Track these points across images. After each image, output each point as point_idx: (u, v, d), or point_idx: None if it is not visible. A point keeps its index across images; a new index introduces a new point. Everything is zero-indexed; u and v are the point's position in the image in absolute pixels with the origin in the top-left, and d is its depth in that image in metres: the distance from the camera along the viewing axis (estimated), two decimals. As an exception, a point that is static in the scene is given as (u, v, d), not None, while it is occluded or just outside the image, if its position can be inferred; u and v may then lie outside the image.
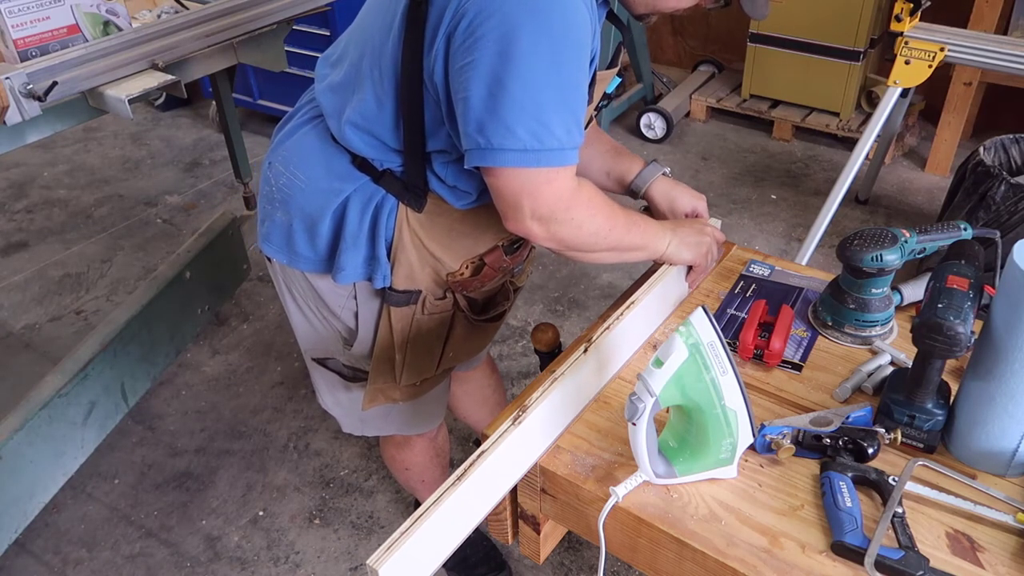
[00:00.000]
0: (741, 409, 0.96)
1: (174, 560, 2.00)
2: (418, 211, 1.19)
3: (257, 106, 3.93)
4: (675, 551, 0.96)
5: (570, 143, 1.04)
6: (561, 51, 0.99)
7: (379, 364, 1.33)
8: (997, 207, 2.29)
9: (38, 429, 1.76)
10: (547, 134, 1.01)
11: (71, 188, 3.68)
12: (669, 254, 1.25)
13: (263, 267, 3.06)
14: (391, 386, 1.36)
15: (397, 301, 1.25)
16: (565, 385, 1.06)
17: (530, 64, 0.98)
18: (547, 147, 1.01)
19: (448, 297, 1.30)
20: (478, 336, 1.42)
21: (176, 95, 1.79)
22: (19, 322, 2.81)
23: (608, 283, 2.90)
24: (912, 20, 2.56)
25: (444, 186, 1.18)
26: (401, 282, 1.24)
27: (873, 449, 1.01)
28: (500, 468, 0.99)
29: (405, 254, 1.21)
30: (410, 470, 1.69)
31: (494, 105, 0.99)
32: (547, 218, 1.08)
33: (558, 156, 1.03)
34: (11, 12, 1.60)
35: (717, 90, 4.00)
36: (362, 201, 1.19)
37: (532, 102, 0.99)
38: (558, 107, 1.01)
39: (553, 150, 1.02)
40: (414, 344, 1.31)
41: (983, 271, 1.03)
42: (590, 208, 1.12)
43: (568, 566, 1.94)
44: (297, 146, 1.24)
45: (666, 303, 1.30)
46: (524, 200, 1.06)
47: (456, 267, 1.26)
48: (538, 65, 0.98)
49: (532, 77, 0.98)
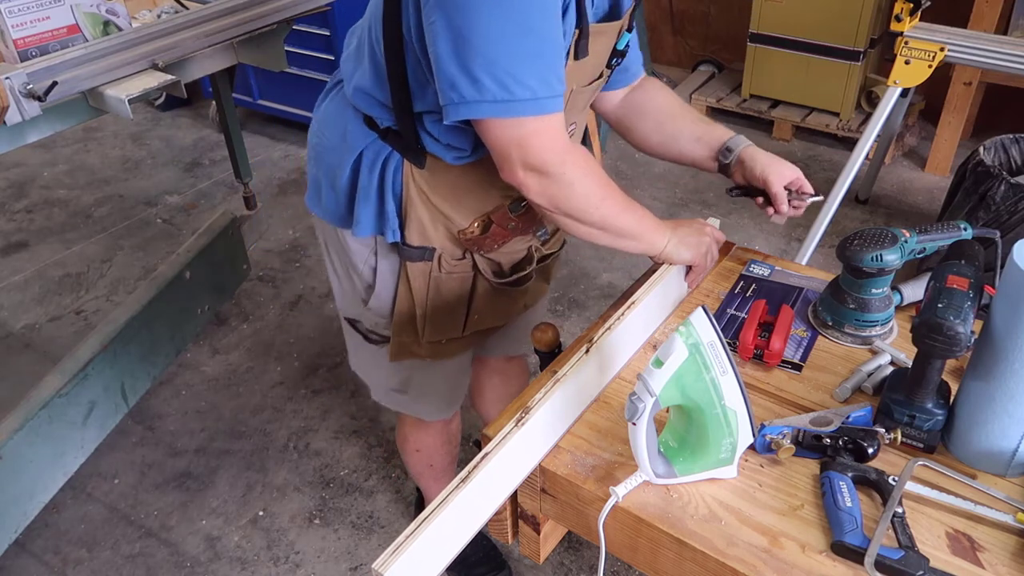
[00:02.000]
0: (741, 409, 0.96)
1: (174, 560, 2.00)
2: (421, 168, 1.23)
3: (257, 106, 3.94)
4: (675, 551, 0.96)
5: (545, 92, 1.03)
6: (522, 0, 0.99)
7: (400, 318, 1.37)
8: (997, 207, 2.29)
9: (38, 429, 1.76)
10: (516, 84, 1.01)
11: (71, 188, 3.68)
12: (668, 252, 1.25)
13: (263, 267, 3.07)
14: (414, 341, 1.39)
15: (411, 256, 1.29)
16: (567, 386, 1.06)
17: (489, 15, 0.98)
18: (518, 97, 1.01)
19: (467, 259, 1.33)
20: (502, 301, 1.44)
21: (176, 95, 1.79)
22: (19, 322, 2.81)
23: (608, 283, 2.90)
24: (912, 20, 2.56)
25: (438, 144, 1.21)
26: (415, 238, 1.27)
27: (873, 449, 1.01)
28: (504, 470, 0.99)
29: (415, 210, 1.25)
30: (420, 451, 1.72)
31: (459, 58, 1.00)
32: (538, 169, 1.08)
33: (532, 105, 1.03)
34: (11, 12, 1.60)
35: (717, 90, 4.00)
36: (372, 157, 1.24)
37: (496, 52, 0.99)
38: (525, 56, 1.01)
39: (526, 100, 1.02)
40: (435, 301, 1.35)
41: (983, 271, 1.03)
42: (583, 169, 1.12)
43: (568, 566, 1.94)
44: (326, 109, 1.32)
45: (666, 303, 1.30)
46: (512, 150, 1.07)
47: (466, 224, 1.29)
48: (497, 15, 0.98)
49: (492, 28, 0.99)
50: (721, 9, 4.25)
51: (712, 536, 0.94)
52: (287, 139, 4.01)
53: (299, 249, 3.17)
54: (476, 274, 1.36)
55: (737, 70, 3.98)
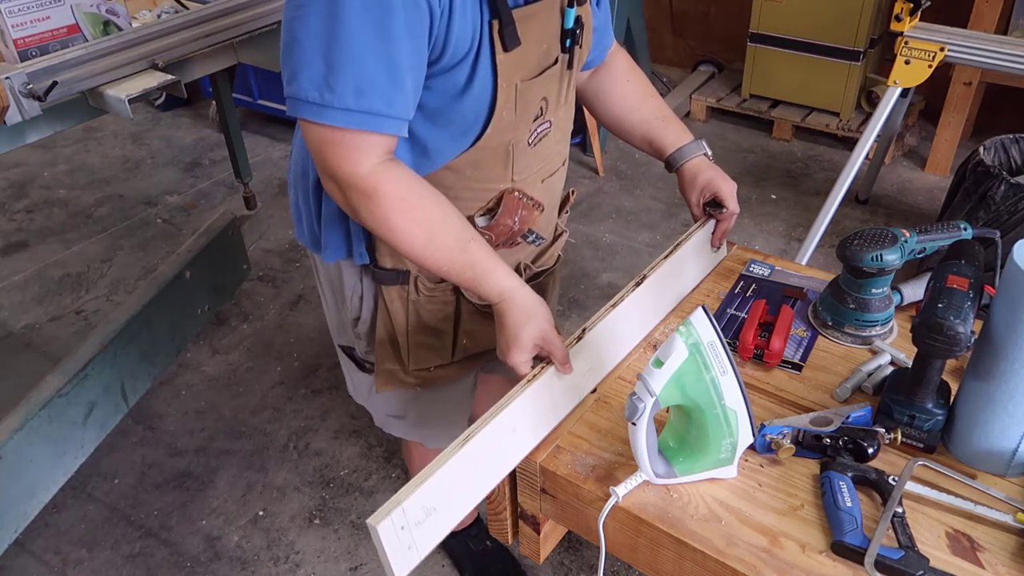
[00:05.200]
0: (741, 409, 0.96)
1: (174, 560, 2.00)
2: None
3: (257, 106, 3.94)
4: (675, 551, 0.96)
5: (362, 107, 0.98)
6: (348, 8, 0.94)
7: (382, 345, 1.32)
8: (997, 207, 2.29)
9: (38, 429, 1.75)
10: (328, 91, 0.97)
11: (71, 188, 3.68)
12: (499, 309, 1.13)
13: (263, 267, 3.07)
14: (400, 370, 1.35)
15: (385, 279, 1.25)
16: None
17: (317, 13, 0.95)
18: (329, 104, 0.97)
19: (446, 281, 1.27)
20: (490, 323, 1.37)
21: (176, 95, 1.78)
22: (19, 322, 2.81)
23: (608, 283, 2.90)
24: (912, 20, 2.56)
25: None
26: (387, 259, 1.23)
27: (873, 449, 1.01)
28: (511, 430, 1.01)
29: None
30: None
31: (288, 52, 0.99)
32: (342, 184, 1.03)
33: (340, 116, 0.98)
34: (11, 12, 1.60)
35: (717, 90, 4.00)
36: None
37: (318, 54, 0.96)
38: (346, 65, 0.96)
39: (335, 108, 0.98)
40: (416, 328, 1.30)
41: (983, 271, 1.03)
42: (392, 206, 1.04)
43: (568, 566, 1.94)
44: (296, 136, 1.30)
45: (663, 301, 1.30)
46: (316, 156, 1.04)
47: None
48: (323, 15, 0.95)
49: (317, 29, 0.95)
50: (721, 9, 4.25)
51: (712, 536, 0.94)
52: (287, 139, 4.01)
53: (299, 249, 3.16)
54: (458, 297, 1.30)
55: (737, 70, 3.98)
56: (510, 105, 1.11)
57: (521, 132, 1.17)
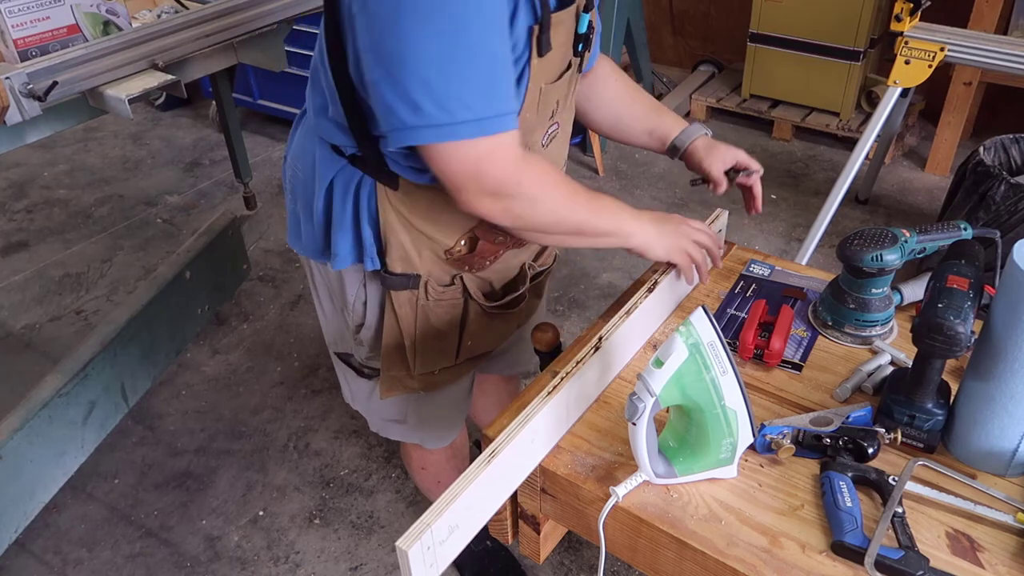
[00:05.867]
0: (741, 409, 0.96)
1: (174, 560, 2.00)
2: (395, 189, 1.18)
3: (257, 106, 3.94)
4: (675, 551, 0.96)
5: (490, 111, 0.98)
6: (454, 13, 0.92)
7: (389, 352, 1.32)
8: (997, 207, 2.29)
9: (38, 429, 1.76)
10: (457, 105, 0.95)
11: (71, 188, 3.68)
12: (638, 244, 1.20)
13: (263, 267, 3.07)
14: (405, 375, 1.35)
15: (394, 284, 1.24)
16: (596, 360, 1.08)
17: (424, 34, 0.92)
18: (459, 119, 0.96)
19: (456, 284, 1.28)
20: (496, 324, 1.40)
21: (176, 95, 1.79)
22: (19, 322, 2.81)
23: (608, 283, 2.90)
24: (912, 20, 2.56)
25: (400, 166, 1.15)
26: (397, 265, 1.23)
27: (873, 449, 1.01)
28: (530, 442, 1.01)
29: (395, 235, 1.20)
30: (426, 469, 1.69)
31: (394, 82, 0.95)
32: (497, 193, 1.03)
33: (475, 127, 0.97)
34: (11, 12, 1.60)
35: (717, 90, 4.00)
36: (343, 184, 1.20)
37: (431, 73, 0.93)
38: (466, 76, 0.95)
39: (468, 122, 0.96)
40: (424, 331, 1.30)
41: (983, 271, 1.03)
42: (543, 180, 1.07)
43: (568, 566, 1.94)
44: (297, 142, 1.30)
45: (666, 303, 1.30)
46: (463, 179, 1.01)
47: (451, 243, 1.24)
48: (432, 34, 0.92)
49: (429, 49, 0.93)
50: (721, 9, 4.25)
51: (712, 536, 0.94)
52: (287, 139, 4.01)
53: (299, 249, 3.16)
54: (467, 299, 1.31)
55: (737, 70, 3.98)
56: (534, 108, 1.12)
57: (538, 134, 1.19)
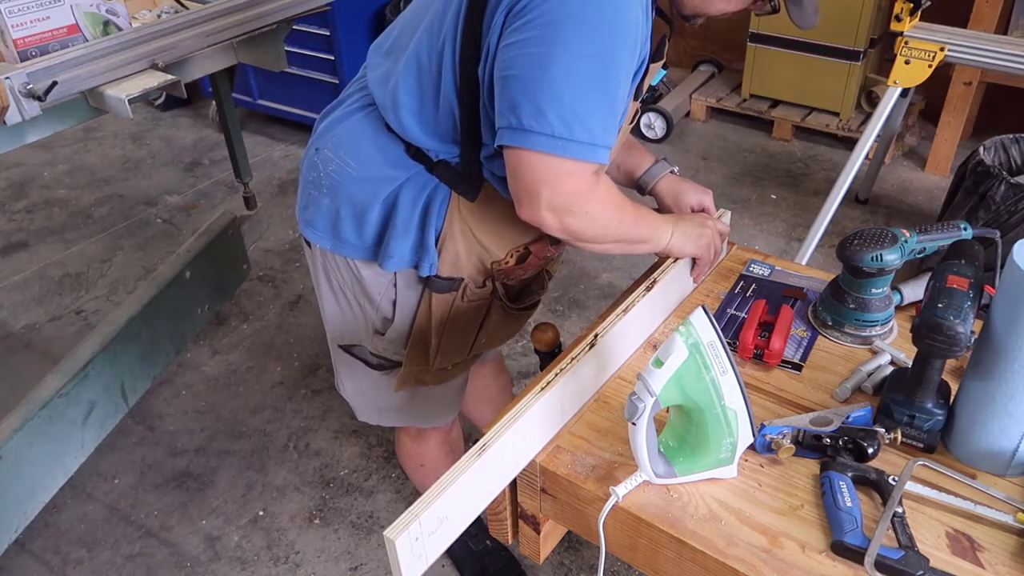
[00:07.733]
0: (741, 409, 0.96)
1: (174, 560, 2.00)
2: (471, 200, 1.20)
3: (257, 106, 3.93)
4: (675, 551, 0.96)
5: (602, 140, 1.03)
6: (610, 47, 1.00)
7: (415, 349, 1.34)
8: (997, 207, 2.29)
9: (38, 429, 1.76)
10: (579, 125, 1.00)
11: (71, 188, 3.68)
12: (671, 246, 1.26)
13: (263, 267, 3.07)
14: (423, 370, 1.37)
15: (440, 288, 1.27)
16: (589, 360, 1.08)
17: (577, 53, 0.98)
18: (576, 138, 1.01)
19: (488, 285, 1.32)
20: (511, 323, 1.43)
21: (176, 95, 1.78)
22: (19, 322, 2.81)
23: (608, 283, 2.90)
24: (912, 20, 2.56)
25: (496, 177, 1.18)
26: (446, 269, 1.25)
27: (873, 449, 1.01)
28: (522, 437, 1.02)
29: (453, 243, 1.23)
30: (425, 466, 1.69)
31: (531, 86, 0.99)
32: (563, 210, 1.07)
33: (587, 150, 1.02)
34: (11, 12, 1.60)
35: (717, 90, 4.00)
36: (415, 190, 1.20)
37: (570, 90, 0.99)
38: (596, 102, 1.01)
39: (583, 143, 1.01)
40: (450, 329, 1.33)
41: (983, 271, 1.03)
42: (604, 203, 1.11)
43: (568, 566, 1.94)
44: (349, 133, 1.25)
45: (666, 303, 1.30)
46: (542, 188, 1.05)
47: (502, 255, 1.28)
48: (584, 56, 0.98)
49: (575, 67, 0.98)
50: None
51: (712, 536, 0.94)
52: (287, 139, 4.01)
53: (299, 249, 3.16)
54: (493, 299, 1.35)
55: (737, 70, 3.98)
56: (615, 148, 1.15)
57: None
